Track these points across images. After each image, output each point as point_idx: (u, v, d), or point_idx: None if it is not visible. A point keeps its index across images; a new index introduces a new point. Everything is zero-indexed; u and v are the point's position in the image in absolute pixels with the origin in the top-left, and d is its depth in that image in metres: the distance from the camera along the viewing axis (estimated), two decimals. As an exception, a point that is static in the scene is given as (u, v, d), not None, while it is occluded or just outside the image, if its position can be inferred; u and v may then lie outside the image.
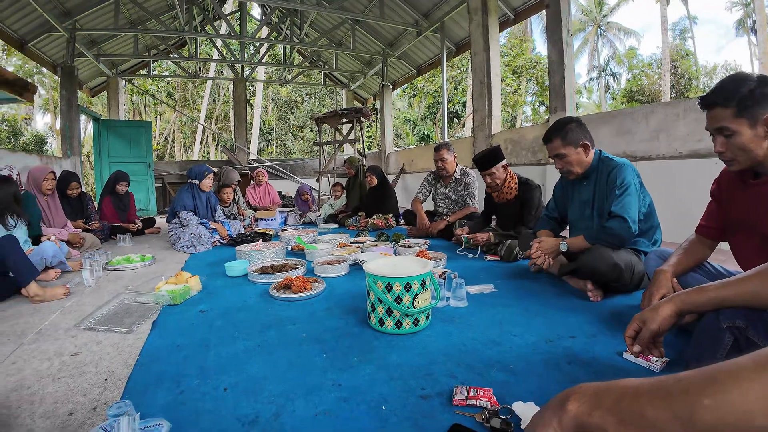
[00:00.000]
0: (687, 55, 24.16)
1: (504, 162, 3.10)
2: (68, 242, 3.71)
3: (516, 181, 3.13)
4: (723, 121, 1.29)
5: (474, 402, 1.12)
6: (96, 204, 5.26)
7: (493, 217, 3.48)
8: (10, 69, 8.10)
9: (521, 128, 6.00)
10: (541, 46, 28.08)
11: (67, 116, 7.57)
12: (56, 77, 9.03)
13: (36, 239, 3.28)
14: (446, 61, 7.84)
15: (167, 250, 4.03)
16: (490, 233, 3.13)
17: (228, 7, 11.44)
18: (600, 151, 2.24)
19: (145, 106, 19.69)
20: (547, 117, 5.24)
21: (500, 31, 6.55)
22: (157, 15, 8.31)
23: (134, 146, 8.79)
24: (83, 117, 8.83)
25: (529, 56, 19.58)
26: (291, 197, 8.55)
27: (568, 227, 2.55)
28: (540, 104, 21.47)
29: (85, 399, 1.28)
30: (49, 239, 3.22)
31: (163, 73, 14.80)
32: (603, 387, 0.51)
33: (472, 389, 1.16)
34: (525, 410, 1.05)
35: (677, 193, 3.54)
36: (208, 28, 10.05)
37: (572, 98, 4.93)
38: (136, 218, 5.36)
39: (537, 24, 22.49)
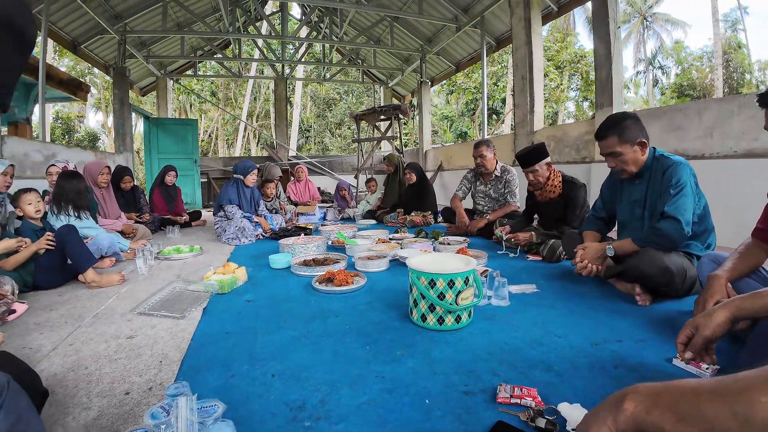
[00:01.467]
0: (739, 47, 22.55)
1: (548, 159, 3.02)
2: (122, 233, 3.96)
3: (560, 179, 3.04)
4: None
5: (518, 401, 1.11)
6: (147, 197, 5.57)
7: (535, 216, 3.40)
8: (62, 70, 8.63)
9: (564, 125, 5.81)
10: (584, 40, 27.06)
11: (120, 114, 8.04)
12: (107, 77, 9.59)
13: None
14: (486, 56, 7.71)
15: (213, 242, 4.21)
16: (532, 233, 3.06)
17: (269, 8, 11.71)
18: (654, 148, 2.12)
19: (191, 105, 20.54)
20: (591, 113, 5.05)
21: (543, 24, 6.36)
22: (202, 17, 8.66)
23: (181, 143, 9.21)
24: (134, 115, 9.33)
25: (572, 50, 18.87)
26: (329, 193, 8.70)
27: (616, 228, 2.45)
28: (583, 99, 20.68)
29: (140, 379, 1.36)
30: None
31: (208, 73, 15.38)
32: (661, 387, 0.52)
33: (516, 388, 1.16)
34: (571, 412, 1.04)
35: (732, 194, 3.34)
36: (251, 28, 10.35)
37: (620, 93, 4.73)
38: (184, 211, 5.65)
39: (579, 16, 21.70)
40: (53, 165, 3.92)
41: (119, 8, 7.43)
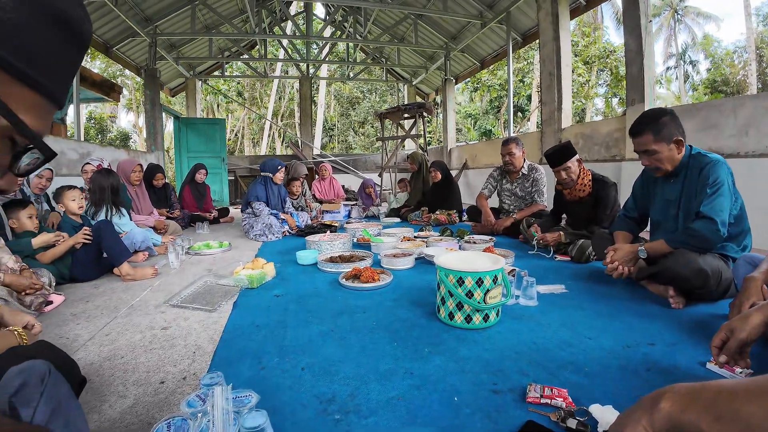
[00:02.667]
0: (773, 42, 21.47)
1: (577, 156, 2.96)
2: (154, 228, 4.09)
3: (590, 177, 2.97)
4: None
5: (548, 401, 1.10)
6: (177, 194, 5.74)
7: (563, 216, 3.34)
8: (95, 71, 8.97)
9: (594, 122, 5.67)
10: (613, 34, 26.23)
11: (151, 114, 8.30)
12: (138, 78, 9.89)
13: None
14: (512, 52, 7.59)
15: (241, 238, 4.31)
16: (561, 232, 3.00)
17: (293, 9, 11.85)
18: (691, 146, 2.04)
19: (218, 105, 21.02)
20: (621, 109, 4.92)
21: (570, 19, 6.21)
22: (229, 19, 8.83)
23: (210, 142, 9.45)
24: (164, 115, 9.62)
25: (601, 45, 18.35)
26: (353, 191, 8.76)
27: (648, 228, 2.38)
28: (612, 96, 20.09)
29: (175, 369, 1.41)
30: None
31: (235, 74, 15.70)
32: (698, 387, 0.53)
33: (546, 388, 1.15)
34: (603, 413, 1.02)
35: (768, 194, 3.19)
36: (276, 29, 10.50)
37: (652, 89, 4.58)
38: (213, 208, 5.80)
39: (608, 9, 21.08)
40: (88, 163, 4.09)
41: (149, 11, 7.66)
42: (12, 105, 0.40)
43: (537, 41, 6.84)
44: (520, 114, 18.03)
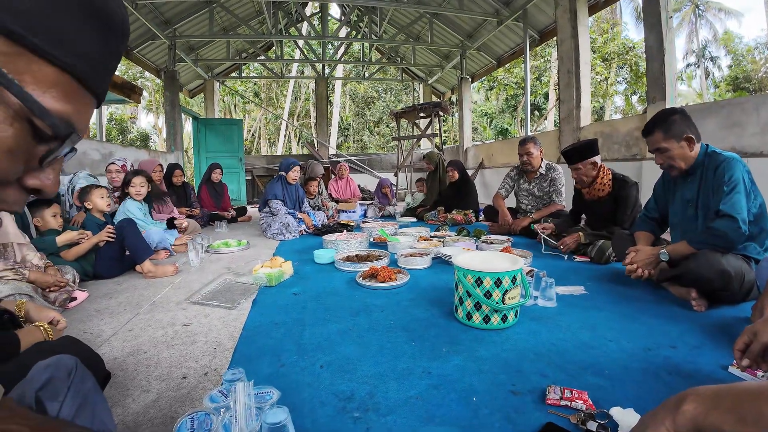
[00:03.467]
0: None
1: (596, 158, 2.90)
2: (171, 221, 4.18)
3: (610, 177, 2.91)
4: None
5: (568, 403, 1.09)
6: (196, 193, 5.84)
7: (582, 216, 3.28)
8: (116, 74, 9.18)
9: (613, 120, 5.57)
10: (632, 30, 25.65)
11: (171, 115, 8.47)
12: (158, 80, 10.06)
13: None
14: (529, 50, 7.50)
15: (258, 237, 4.37)
16: (580, 233, 2.95)
17: (309, 10, 11.92)
18: (707, 145, 2.02)
19: (235, 106, 21.27)
20: (642, 107, 4.81)
21: (589, 15, 6.11)
22: (246, 21, 8.94)
23: (227, 142, 9.58)
24: (183, 115, 9.80)
25: (620, 41, 17.97)
26: (369, 191, 8.77)
27: (669, 228, 2.34)
28: (632, 93, 19.67)
29: (197, 365, 1.44)
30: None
31: (251, 75, 15.87)
32: (722, 389, 0.54)
33: (566, 390, 1.14)
34: (624, 417, 1.01)
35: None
36: (292, 30, 10.58)
37: (673, 87, 4.47)
38: (230, 207, 5.88)
39: (627, 5, 20.64)
40: (113, 163, 4.19)
41: (169, 14, 7.81)
42: (25, 80, 0.36)
43: (554, 38, 6.75)
44: (537, 112, 17.79)
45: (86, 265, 2.63)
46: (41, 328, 1.23)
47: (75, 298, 2.18)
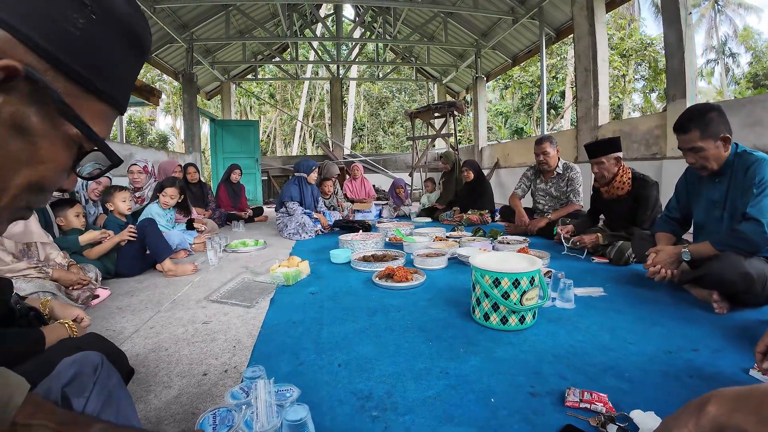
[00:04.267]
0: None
1: (618, 154, 2.86)
2: (191, 222, 4.26)
3: (629, 175, 2.86)
4: None
5: (588, 406, 1.08)
6: (213, 193, 5.94)
7: (601, 216, 3.23)
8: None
9: (632, 118, 5.47)
10: (650, 25, 25.12)
11: (189, 117, 8.63)
12: (176, 83, 10.23)
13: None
14: (545, 48, 7.41)
15: (275, 237, 4.42)
16: (599, 234, 2.91)
17: (323, 11, 12.00)
18: (737, 144, 1.94)
19: (251, 107, 21.53)
20: (661, 105, 4.71)
21: (606, 11, 5.99)
22: (262, 23, 9.04)
23: (244, 143, 9.70)
24: (200, 117, 9.95)
25: (638, 37, 17.58)
26: (384, 191, 8.79)
27: (691, 230, 2.28)
28: (651, 91, 19.23)
29: (217, 362, 1.46)
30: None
31: (267, 77, 16.05)
32: (745, 390, 0.54)
33: (586, 392, 1.13)
34: (645, 420, 1.00)
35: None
36: (306, 32, 10.66)
37: (693, 84, 4.37)
38: (248, 207, 5.96)
39: (644, 0, 20.22)
40: (134, 164, 4.28)
41: (186, 18, 7.94)
42: (84, 117, 0.43)
43: (571, 36, 6.65)
44: (553, 111, 17.56)
45: (108, 264, 2.70)
46: (66, 325, 1.26)
47: (97, 296, 2.24)
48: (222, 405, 1.07)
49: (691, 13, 4.40)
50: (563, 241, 3.09)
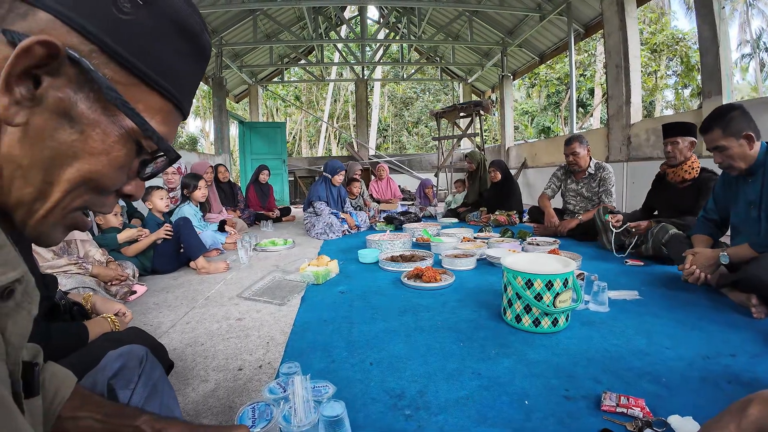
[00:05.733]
0: None
1: (694, 140, 2.79)
2: (222, 224, 4.37)
3: (699, 165, 2.81)
4: None
5: (624, 410, 1.07)
6: (243, 193, 6.08)
7: (655, 213, 3.14)
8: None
9: (666, 116, 5.29)
10: (681, 19, 24.16)
11: (219, 120, 8.86)
12: (204, 87, 10.51)
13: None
14: (573, 44, 7.25)
15: (303, 236, 4.50)
16: (652, 222, 2.81)
17: (347, 13, 12.10)
18: (767, 143, 1.90)
19: (277, 109, 21.89)
20: (696, 102, 4.54)
21: (637, 6, 5.81)
22: (288, 26, 9.20)
23: (271, 144, 9.89)
24: (229, 120, 10.19)
25: (669, 31, 16.93)
26: (409, 191, 8.79)
27: (729, 231, 2.21)
28: (683, 87, 18.49)
29: (251, 358, 1.51)
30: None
31: (293, 79, 16.29)
32: None
33: (622, 397, 1.11)
34: (683, 425, 0.98)
35: None
36: (332, 34, 10.78)
37: (729, 80, 4.19)
38: (276, 207, 6.08)
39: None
40: (169, 165, 4.43)
41: (215, 23, 8.15)
42: (139, 109, 0.41)
43: (600, 32, 6.49)
44: (581, 109, 17.14)
45: (145, 261, 2.82)
46: (108, 319, 1.31)
47: (135, 292, 2.34)
48: (260, 399, 1.11)
49: (724, 7, 4.24)
50: (611, 228, 3.01)
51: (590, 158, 3.81)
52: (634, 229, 2.85)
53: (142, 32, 0.40)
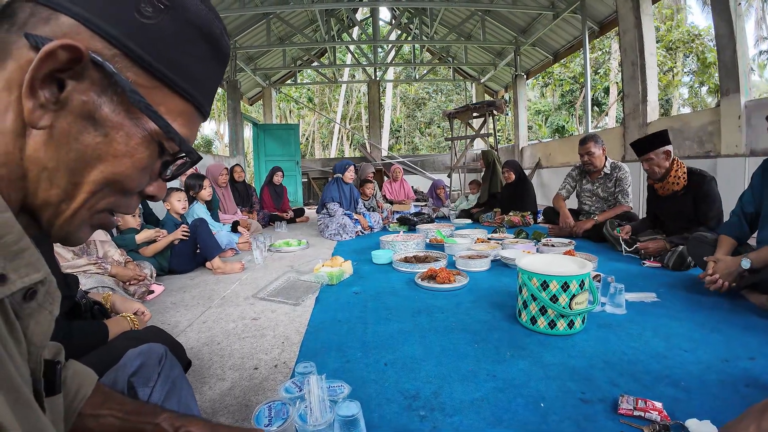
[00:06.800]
0: None
1: (668, 147, 2.71)
2: (236, 225, 4.42)
3: (684, 170, 2.71)
4: None
5: (642, 414, 1.06)
6: (257, 194, 6.15)
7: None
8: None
9: (684, 114, 5.18)
10: (697, 15, 23.63)
11: (233, 122, 8.98)
12: (219, 90, 10.64)
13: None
14: (587, 42, 7.15)
15: (316, 237, 4.53)
16: (665, 243, 2.75)
17: (359, 15, 12.15)
18: None
19: (290, 111, 22.06)
20: (711, 100, 4.44)
21: (652, 2, 5.72)
22: (301, 29, 9.27)
23: (285, 146, 9.98)
24: (243, 122, 10.31)
25: (684, 28, 16.56)
26: (422, 192, 8.78)
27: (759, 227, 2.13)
28: (700, 84, 18.06)
29: (267, 357, 1.52)
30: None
31: (305, 81, 16.39)
32: None
33: (639, 400, 1.10)
34: (701, 429, 0.97)
35: None
36: (344, 36, 10.83)
37: (746, 78, 4.08)
38: (290, 208, 6.14)
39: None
40: (185, 167, 4.50)
41: (229, 27, 8.25)
42: (161, 111, 0.42)
43: (615, 29, 6.39)
44: (596, 108, 16.89)
45: (162, 261, 2.87)
46: (128, 318, 1.34)
47: (152, 291, 2.39)
48: (276, 398, 1.12)
49: (740, 3, 4.13)
50: (622, 242, 2.98)
51: (606, 158, 3.76)
52: (643, 251, 2.80)
53: (163, 36, 0.41)
